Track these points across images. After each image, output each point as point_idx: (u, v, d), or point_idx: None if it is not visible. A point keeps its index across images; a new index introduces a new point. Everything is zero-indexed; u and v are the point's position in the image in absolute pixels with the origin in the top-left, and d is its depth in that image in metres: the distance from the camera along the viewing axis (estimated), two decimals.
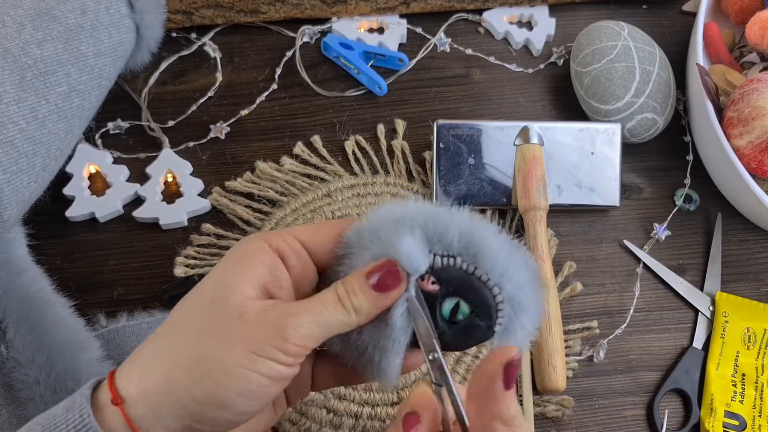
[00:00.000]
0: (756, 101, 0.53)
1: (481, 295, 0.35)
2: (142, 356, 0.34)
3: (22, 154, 0.48)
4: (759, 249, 0.60)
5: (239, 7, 0.64)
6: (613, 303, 0.58)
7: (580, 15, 0.68)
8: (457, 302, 0.36)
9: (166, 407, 0.33)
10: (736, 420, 0.54)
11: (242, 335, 0.33)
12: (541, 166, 0.58)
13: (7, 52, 0.48)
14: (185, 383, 0.32)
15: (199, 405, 0.32)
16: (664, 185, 0.62)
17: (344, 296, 0.34)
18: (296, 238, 0.37)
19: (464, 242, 0.35)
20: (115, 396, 0.33)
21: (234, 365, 0.32)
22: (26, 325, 0.48)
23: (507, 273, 0.35)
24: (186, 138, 0.61)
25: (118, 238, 0.58)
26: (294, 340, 0.33)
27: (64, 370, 0.47)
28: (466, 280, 0.35)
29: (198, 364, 0.33)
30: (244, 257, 0.35)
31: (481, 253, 0.35)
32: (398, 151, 0.61)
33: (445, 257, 0.36)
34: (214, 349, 0.33)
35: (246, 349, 0.32)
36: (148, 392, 0.33)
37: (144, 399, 0.33)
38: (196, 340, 0.33)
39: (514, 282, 0.36)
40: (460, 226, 0.36)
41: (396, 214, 0.36)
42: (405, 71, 0.64)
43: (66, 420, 0.33)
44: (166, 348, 0.34)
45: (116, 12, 0.54)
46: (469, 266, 0.36)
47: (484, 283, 0.35)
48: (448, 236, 0.35)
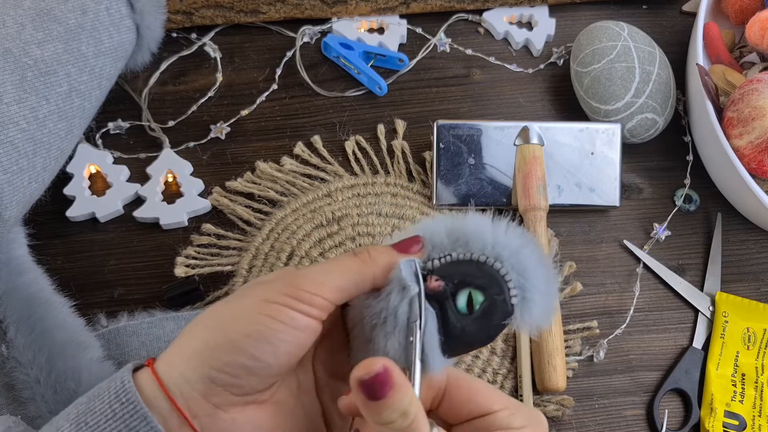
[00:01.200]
0: (756, 101, 0.53)
1: (486, 274, 0.35)
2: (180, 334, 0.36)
3: (22, 154, 0.48)
4: (759, 249, 0.60)
5: (239, 7, 0.64)
6: (613, 303, 0.58)
7: (580, 15, 0.68)
8: (468, 293, 0.35)
9: (187, 360, 0.34)
10: (736, 420, 0.54)
11: (255, 290, 0.35)
12: (541, 166, 0.58)
13: (7, 53, 0.48)
14: (200, 333, 0.34)
15: (212, 350, 0.33)
16: (664, 185, 0.62)
17: (360, 249, 0.36)
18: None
19: (453, 237, 0.36)
20: (149, 360, 0.35)
21: (244, 309, 0.34)
22: (27, 325, 0.48)
23: (499, 244, 0.36)
24: (186, 138, 0.61)
25: (118, 238, 0.58)
26: (305, 287, 0.34)
27: (65, 370, 0.47)
28: (466, 268, 0.36)
29: (213, 317, 0.35)
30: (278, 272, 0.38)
31: (470, 239, 0.36)
32: (398, 151, 0.61)
33: (441, 258, 0.36)
34: (230, 304, 0.35)
35: (257, 299, 0.34)
36: (173, 352, 0.35)
37: (169, 357, 0.35)
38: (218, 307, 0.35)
39: (510, 249, 0.36)
40: (444, 226, 0.37)
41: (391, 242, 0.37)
42: (405, 71, 0.64)
43: (108, 388, 0.34)
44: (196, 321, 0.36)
45: (116, 12, 0.54)
46: (464, 254, 0.36)
47: (483, 263, 0.36)
48: (437, 239, 0.36)
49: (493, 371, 0.54)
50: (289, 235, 0.57)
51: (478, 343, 0.36)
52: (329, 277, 0.35)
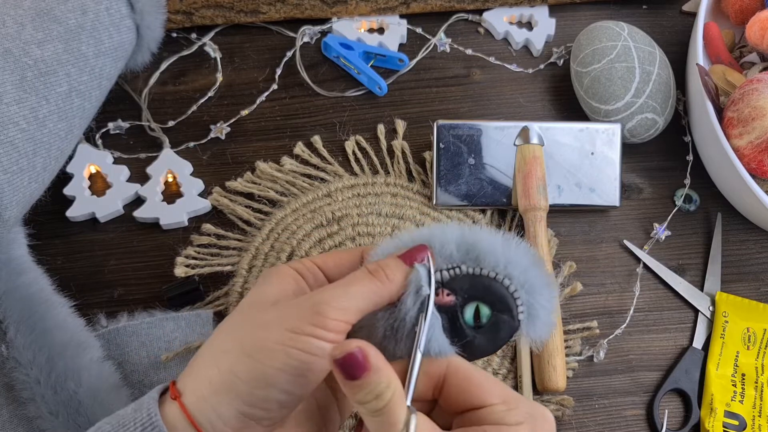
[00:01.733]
0: (756, 101, 0.53)
1: (496, 291, 0.37)
2: (196, 360, 0.36)
3: (22, 155, 0.48)
4: (759, 249, 0.60)
5: (239, 7, 0.64)
6: (613, 303, 0.58)
7: (580, 15, 0.68)
8: (476, 306, 0.37)
9: (218, 395, 0.34)
10: (736, 420, 0.54)
11: (277, 318, 0.34)
12: (541, 166, 0.58)
13: (7, 53, 0.48)
14: (230, 368, 0.34)
15: (246, 385, 0.33)
16: (664, 185, 0.62)
17: (376, 269, 0.36)
18: (313, 262, 0.40)
19: (463, 250, 0.37)
20: (173, 391, 0.34)
21: (273, 343, 0.33)
22: (27, 326, 0.48)
23: (511, 263, 0.37)
24: (186, 138, 0.61)
25: (118, 238, 0.58)
26: (331, 314, 0.34)
27: (65, 370, 0.47)
28: (476, 281, 0.37)
29: (241, 350, 0.34)
30: (271, 274, 0.38)
31: (481, 254, 0.37)
32: (398, 151, 0.61)
33: (450, 269, 0.37)
34: (254, 334, 0.34)
35: (283, 329, 0.33)
36: (201, 385, 0.34)
37: (198, 391, 0.34)
38: (239, 334, 0.35)
39: (520, 268, 0.37)
40: (455, 237, 0.37)
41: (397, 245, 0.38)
42: (405, 71, 0.64)
43: (134, 419, 0.34)
44: (214, 347, 0.36)
45: (117, 12, 0.54)
46: (475, 269, 0.37)
47: (494, 279, 0.37)
48: (447, 250, 0.37)
49: (493, 371, 0.54)
50: (289, 235, 0.57)
51: (483, 355, 0.38)
52: (352, 302, 0.35)
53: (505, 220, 0.60)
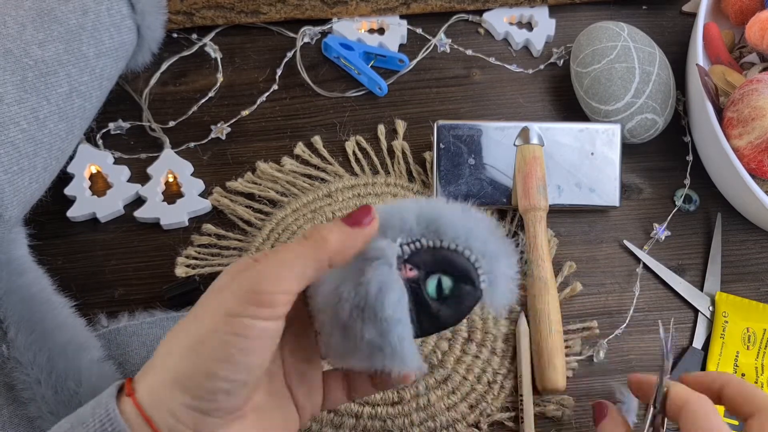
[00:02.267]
0: (756, 102, 0.53)
1: (457, 262, 0.38)
2: (152, 357, 0.36)
3: (23, 155, 0.48)
4: (759, 249, 0.61)
5: (240, 7, 0.64)
6: (613, 303, 0.58)
7: (580, 16, 0.68)
8: (438, 278, 0.37)
9: (166, 390, 0.33)
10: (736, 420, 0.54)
11: (217, 303, 0.33)
12: (541, 166, 0.58)
13: (8, 53, 0.48)
14: (174, 364, 0.33)
15: (189, 379, 0.33)
16: (664, 185, 0.62)
17: (311, 232, 0.35)
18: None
19: (423, 223, 0.38)
20: (129, 388, 0.34)
21: (209, 332, 0.33)
22: (27, 326, 0.48)
23: (471, 234, 0.38)
24: (187, 138, 0.61)
25: (119, 238, 0.58)
26: (268, 288, 0.33)
27: (65, 371, 0.47)
28: (437, 254, 0.38)
29: (184, 345, 0.34)
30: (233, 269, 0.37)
31: (441, 227, 0.37)
32: (399, 151, 0.61)
33: (411, 243, 0.37)
34: (193, 325, 0.34)
35: (220, 314, 0.33)
36: (152, 381, 0.34)
37: (149, 388, 0.34)
38: (186, 326, 0.34)
39: (480, 239, 0.38)
40: (414, 211, 0.38)
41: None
42: (405, 72, 0.65)
43: (93, 415, 0.34)
44: (167, 343, 0.35)
45: (117, 13, 0.55)
46: (435, 242, 0.38)
47: (454, 251, 0.38)
48: (407, 224, 0.37)
49: (493, 371, 0.54)
50: (290, 235, 0.57)
51: (448, 325, 0.38)
52: (287, 269, 0.34)
53: (505, 220, 0.60)
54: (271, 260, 0.34)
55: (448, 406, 0.53)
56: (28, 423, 0.48)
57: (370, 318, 0.35)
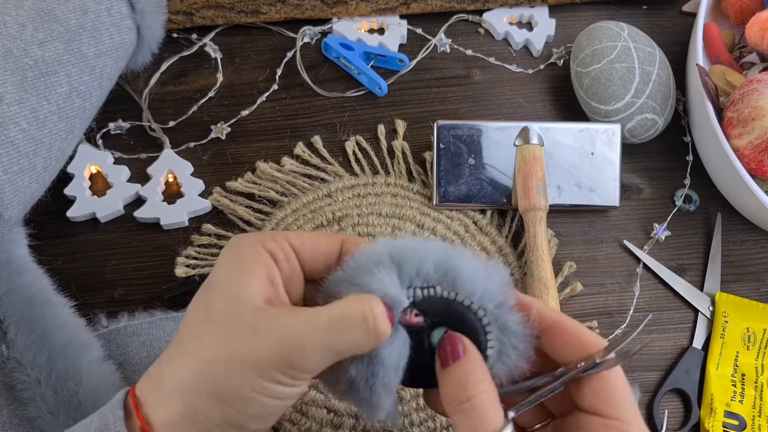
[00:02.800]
0: (756, 101, 0.53)
1: (466, 320, 0.35)
2: (163, 379, 0.35)
3: (23, 155, 0.48)
4: (759, 249, 0.61)
5: (240, 7, 0.64)
6: (613, 303, 0.58)
7: (580, 15, 0.68)
8: (444, 332, 0.35)
9: (181, 423, 0.33)
10: (736, 420, 0.54)
11: (253, 357, 0.33)
12: (541, 166, 0.58)
13: (8, 53, 0.48)
14: (205, 409, 0.33)
15: (217, 427, 0.33)
16: (664, 185, 0.62)
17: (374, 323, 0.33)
18: (288, 241, 0.37)
19: (441, 271, 0.35)
20: (143, 424, 0.34)
21: (247, 391, 0.33)
22: (27, 326, 0.48)
23: (487, 294, 0.35)
24: (187, 138, 0.61)
25: (119, 238, 0.58)
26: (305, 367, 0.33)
27: (65, 371, 0.47)
28: (448, 307, 0.35)
29: (213, 392, 0.33)
30: (246, 261, 0.36)
31: (459, 279, 0.35)
32: (398, 151, 0.61)
33: (425, 289, 0.35)
34: (227, 377, 0.33)
35: (257, 375, 0.33)
36: (172, 421, 0.34)
37: (166, 424, 0.34)
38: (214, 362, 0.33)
39: (496, 302, 0.35)
40: (435, 255, 0.35)
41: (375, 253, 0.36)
42: (405, 72, 0.65)
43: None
44: (187, 371, 0.34)
45: (117, 13, 0.55)
46: (450, 293, 0.35)
47: (468, 307, 0.35)
48: (425, 268, 0.35)
49: None
50: None
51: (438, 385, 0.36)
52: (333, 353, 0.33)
53: (505, 220, 0.60)
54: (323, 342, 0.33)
55: None
56: (28, 423, 0.48)
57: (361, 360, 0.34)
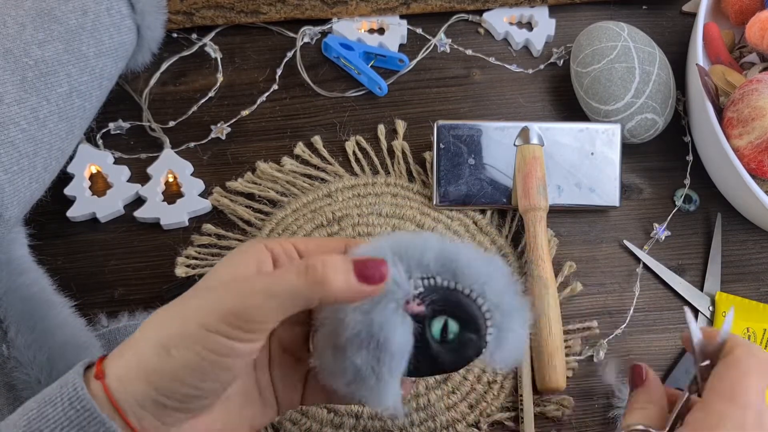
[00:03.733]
0: (756, 102, 0.53)
1: (467, 308, 0.36)
2: (128, 339, 0.35)
3: (23, 155, 0.48)
4: (759, 249, 0.61)
5: (240, 7, 0.64)
6: (613, 303, 0.58)
7: (580, 15, 0.68)
8: (445, 321, 0.36)
9: (135, 380, 0.33)
10: None
11: (198, 308, 0.33)
12: (541, 166, 0.58)
13: (8, 53, 0.48)
14: (148, 357, 0.33)
15: (159, 377, 0.33)
16: (664, 185, 0.62)
17: (312, 265, 0.33)
18: (293, 244, 0.38)
19: (441, 262, 0.36)
20: (99, 371, 0.34)
21: (185, 339, 0.32)
22: (27, 325, 0.48)
23: (487, 283, 0.36)
24: (187, 138, 0.61)
25: (119, 238, 0.58)
26: (246, 314, 0.32)
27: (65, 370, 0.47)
28: (449, 296, 0.36)
29: (159, 340, 0.33)
30: (237, 254, 0.37)
31: (459, 269, 0.36)
32: (398, 151, 0.61)
33: (425, 279, 0.36)
34: (175, 325, 0.33)
35: (198, 324, 0.32)
36: (123, 367, 0.34)
37: (120, 373, 0.34)
38: (167, 320, 0.34)
39: (496, 290, 0.36)
40: (435, 247, 0.36)
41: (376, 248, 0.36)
42: (405, 72, 0.65)
43: (60, 394, 0.34)
44: (145, 328, 0.35)
45: (117, 13, 0.55)
46: (449, 283, 0.36)
47: (467, 296, 0.36)
48: (425, 259, 0.36)
49: (493, 371, 0.54)
50: (290, 235, 0.57)
51: (446, 371, 0.37)
52: (275, 302, 0.32)
53: (505, 220, 0.60)
54: (262, 286, 0.33)
55: (448, 405, 0.53)
56: None
57: (366, 347, 0.34)
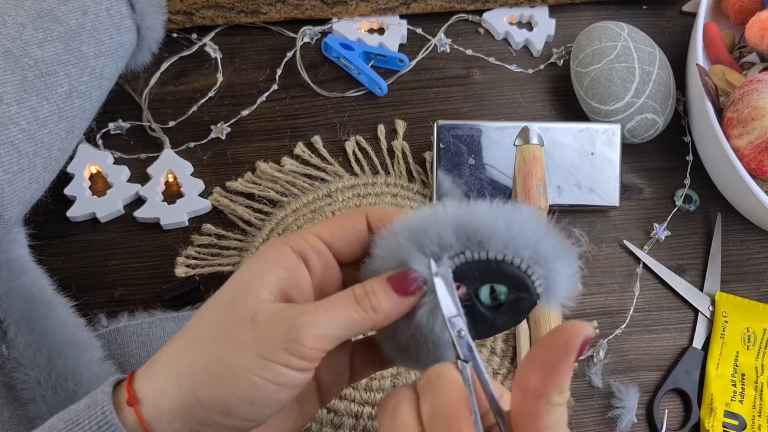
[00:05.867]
0: (756, 101, 0.53)
1: (508, 272, 0.34)
2: (159, 360, 0.34)
3: (23, 155, 0.48)
4: (759, 249, 0.61)
5: (240, 7, 0.64)
6: (613, 303, 0.58)
7: (580, 15, 0.68)
8: (490, 287, 0.35)
9: (175, 411, 0.32)
10: (736, 420, 0.54)
11: (252, 339, 0.32)
12: (541, 166, 0.58)
13: (8, 53, 0.48)
14: (193, 387, 0.32)
15: (205, 410, 0.32)
16: (664, 185, 0.62)
17: (362, 296, 0.33)
18: (318, 236, 0.36)
19: (462, 237, 0.34)
20: (131, 396, 0.33)
21: (242, 370, 0.32)
22: (27, 326, 0.48)
23: (518, 240, 0.34)
24: (187, 138, 0.61)
25: (119, 238, 0.58)
26: (307, 342, 0.32)
27: (65, 371, 0.47)
28: (484, 267, 0.34)
29: (207, 369, 0.32)
30: (264, 261, 0.35)
31: (483, 238, 0.34)
32: (399, 151, 0.61)
33: (455, 257, 0.34)
34: (223, 354, 0.32)
35: (255, 354, 0.32)
36: (160, 395, 0.33)
37: (156, 401, 0.33)
38: (209, 344, 0.33)
39: (530, 244, 0.34)
40: (450, 222, 0.34)
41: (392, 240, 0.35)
42: (405, 72, 0.65)
43: (89, 416, 0.33)
44: (181, 352, 0.34)
45: (117, 13, 0.55)
46: (480, 254, 0.34)
47: (502, 261, 0.34)
48: (445, 240, 0.34)
49: (493, 371, 0.54)
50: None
51: (507, 329, 0.36)
52: (331, 330, 0.32)
53: None
54: (318, 314, 0.33)
55: None
56: (28, 423, 0.48)
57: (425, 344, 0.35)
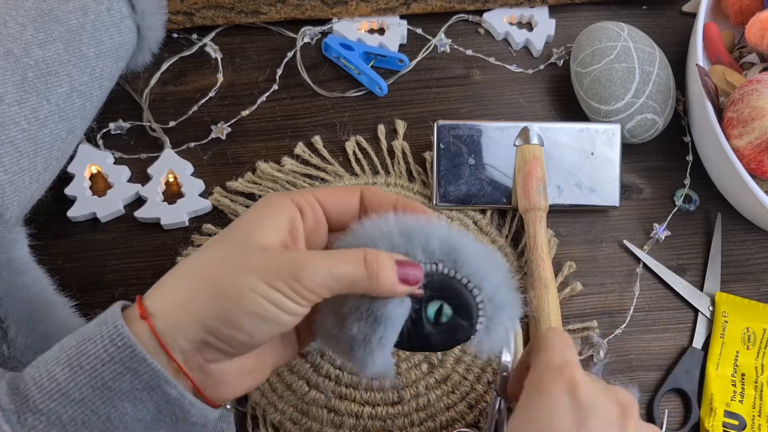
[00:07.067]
0: (756, 102, 0.53)
1: (463, 297, 0.38)
2: (167, 282, 0.37)
3: (23, 155, 0.48)
4: (759, 249, 0.61)
5: (240, 8, 0.64)
6: (613, 303, 0.58)
7: (580, 16, 0.68)
8: (440, 305, 0.39)
9: (187, 321, 0.35)
10: (736, 420, 0.54)
11: (260, 266, 0.35)
12: (541, 166, 0.58)
13: (8, 53, 0.48)
14: (203, 301, 0.35)
15: (214, 321, 0.35)
16: (664, 185, 0.62)
17: (372, 261, 0.36)
18: (314, 196, 0.41)
19: (445, 249, 0.38)
20: (143, 311, 0.36)
21: (247, 289, 0.35)
22: (28, 326, 0.48)
23: (486, 276, 0.39)
24: (187, 138, 0.61)
25: (119, 238, 0.58)
26: (307, 284, 0.35)
27: None
28: (448, 283, 0.38)
29: (216, 286, 0.35)
30: (269, 206, 0.39)
31: (460, 259, 0.38)
32: (399, 151, 0.61)
33: (428, 264, 0.38)
34: (232, 274, 0.35)
35: (260, 279, 0.35)
36: (171, 308, 0.36)
37: (167, 314, 0.35)
38: (219, 267, 0.36)
39: (493, 283, 0.39)
40: (440, 235, 0.39)
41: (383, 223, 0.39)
42: (405, 72, 0.65)
43: (100, 332, 0.35)
44: (192, 272, 0.37)
45: (117, 13, 0.55)
46: (450, 270, 0.38)
47: (465, 286, 0.38)
48: (430, 245, 0.38)
49: (493, 371, 0.55)
50: None
51: (434, 350, 0.40)
52: (331, 281, 0.36)
53: (505, 220, 0.60)
54: (324, 261, 0.36)
55: (448, 405, 0.53)
56: None
57: (365, 319, 0.37)
